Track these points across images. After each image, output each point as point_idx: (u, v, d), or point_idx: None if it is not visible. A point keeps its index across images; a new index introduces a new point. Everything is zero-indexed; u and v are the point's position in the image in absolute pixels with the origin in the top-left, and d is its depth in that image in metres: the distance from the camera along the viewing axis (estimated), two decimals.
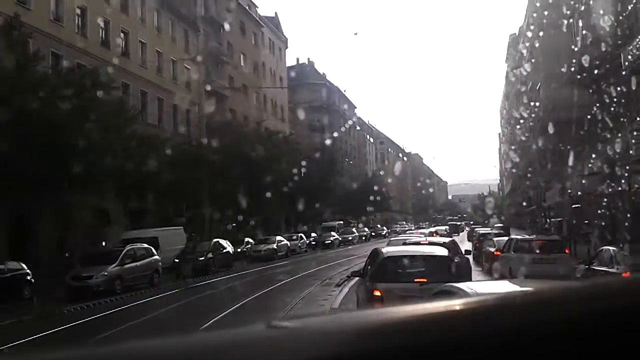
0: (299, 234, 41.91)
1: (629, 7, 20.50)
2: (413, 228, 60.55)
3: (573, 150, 28.40)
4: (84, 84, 21.63)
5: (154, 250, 21.64)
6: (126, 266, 19.09)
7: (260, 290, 17.38)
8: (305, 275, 22.29)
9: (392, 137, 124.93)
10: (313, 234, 46.57)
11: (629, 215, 22.17)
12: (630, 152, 21.47)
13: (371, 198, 64.86)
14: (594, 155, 27.31)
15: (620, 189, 22.83)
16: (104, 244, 27.31)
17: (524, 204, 54.50)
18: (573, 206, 29.28)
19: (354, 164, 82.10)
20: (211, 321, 10.84)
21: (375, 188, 72.38)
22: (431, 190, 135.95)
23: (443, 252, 9.81)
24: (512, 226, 63.94)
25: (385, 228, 67.97)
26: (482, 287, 5.48)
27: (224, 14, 46.76)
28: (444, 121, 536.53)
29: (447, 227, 56.79)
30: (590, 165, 27.97)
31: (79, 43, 29.39)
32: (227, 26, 46.68)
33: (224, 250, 28.12)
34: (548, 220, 37.18)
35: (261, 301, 15.22)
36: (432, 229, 40.66)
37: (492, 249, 20.64)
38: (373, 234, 60.33)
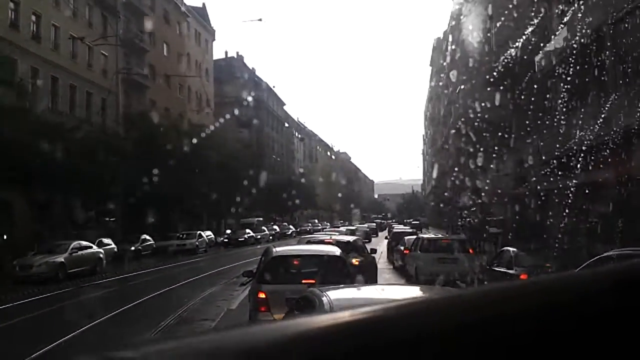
0: (198, 232, 37.96)
1: (539, 16, 21.26)
2: (328, 226, 57.14)
3: (485, 153, 29.32)
4: None
5: None
6: None
7: None
8: None
9: (321, 135, 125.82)
10: (228, 231, 45.47)
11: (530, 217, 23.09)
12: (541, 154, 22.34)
13: (297, 195, 64.72)
14: (505, 158, 28.35)
15: (527, 191, 23.77)
16: None
17: (441, 204, 56.03)
18: (483, 206, 30.25)
19: (281, 160, 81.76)
20: None
21: (302, 185, 72.51)
22: (358, 188, 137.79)
23: (336, 251, 9.59)
24: (432, 225, 65.92)
25: (292, 227, 61.53)
26: (345, 294, 5.34)
27: (147, 0, 45.22)
28: (371, 121, 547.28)
29: (369, 225, 57.58)
30: (501, 167, 29.02)
31: None
32: (149, 14, 45.15)
33: None
34: (462, 219, 38.32)
35: None
36: (352, 227, 41.03)
37: (402, 248, 20.88)
38: (277, 232, 54.13)
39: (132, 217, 34.06)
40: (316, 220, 77.16)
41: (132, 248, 30.47)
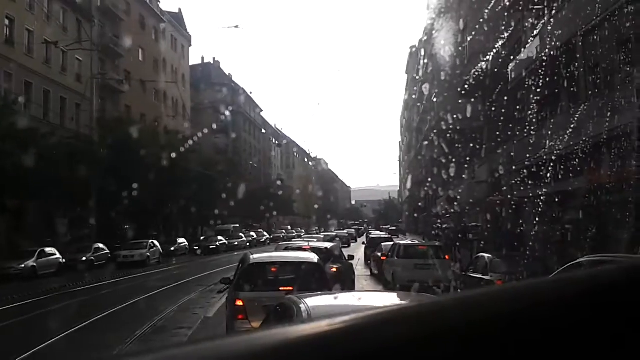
0: (150, 242, 32.57)
1: (510, 29, 21.70)
2: (303, 233, 55.82)
3: (461, 160, 29.72)
4: None
5: None
6: None
7: None
8: None
9: (298, 141, 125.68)
10: (202, 238, 44.87)
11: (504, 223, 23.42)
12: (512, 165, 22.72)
13: (274, 201, 64.43)
14: (477, 167, 28.74)
15: (501, 197, 24.14)
16: None
17: (416, 213, 56.51)
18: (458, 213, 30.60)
19: (258, 167, 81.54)
20: None
21: (280, 191, 72.35)
22: (335, 195, 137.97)
23: (314, 258, 9.64)
24: (409, 232, 66.31)
25: (266, 234, 58.56)
26: (323, 301, 5.40)
27: (122, 5, 44.88)
28: (349, 128, 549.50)
29: (348, 231, 57.82)
30: (474, 176, 29.40)
31: None
32: (124, 18, 44.80)
33: None
34: (437, 226, 38.73)
35: None
36: (332, 234, 41.13)
37: (379, 254, 21.01)
38: (253, 239, 51.55)
39: (105, 225, 33.57)
40: (289, 227, 74.96)
41: (84, 258, 27.05)
